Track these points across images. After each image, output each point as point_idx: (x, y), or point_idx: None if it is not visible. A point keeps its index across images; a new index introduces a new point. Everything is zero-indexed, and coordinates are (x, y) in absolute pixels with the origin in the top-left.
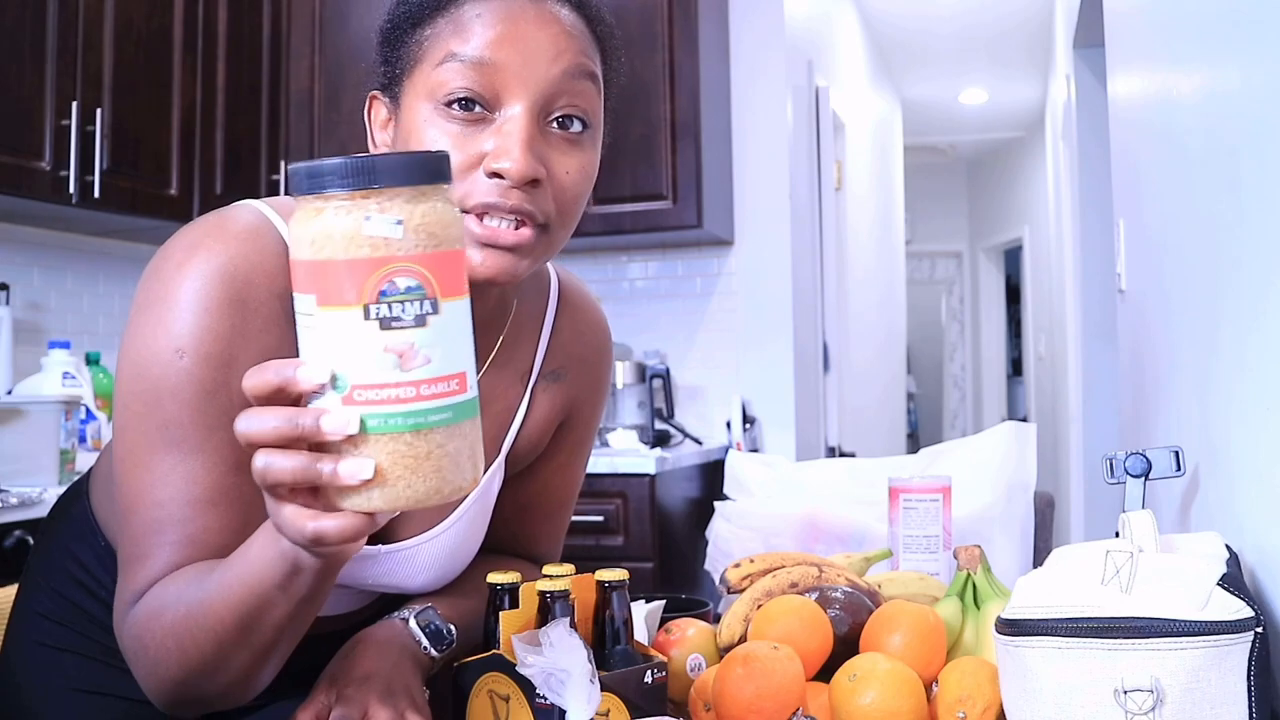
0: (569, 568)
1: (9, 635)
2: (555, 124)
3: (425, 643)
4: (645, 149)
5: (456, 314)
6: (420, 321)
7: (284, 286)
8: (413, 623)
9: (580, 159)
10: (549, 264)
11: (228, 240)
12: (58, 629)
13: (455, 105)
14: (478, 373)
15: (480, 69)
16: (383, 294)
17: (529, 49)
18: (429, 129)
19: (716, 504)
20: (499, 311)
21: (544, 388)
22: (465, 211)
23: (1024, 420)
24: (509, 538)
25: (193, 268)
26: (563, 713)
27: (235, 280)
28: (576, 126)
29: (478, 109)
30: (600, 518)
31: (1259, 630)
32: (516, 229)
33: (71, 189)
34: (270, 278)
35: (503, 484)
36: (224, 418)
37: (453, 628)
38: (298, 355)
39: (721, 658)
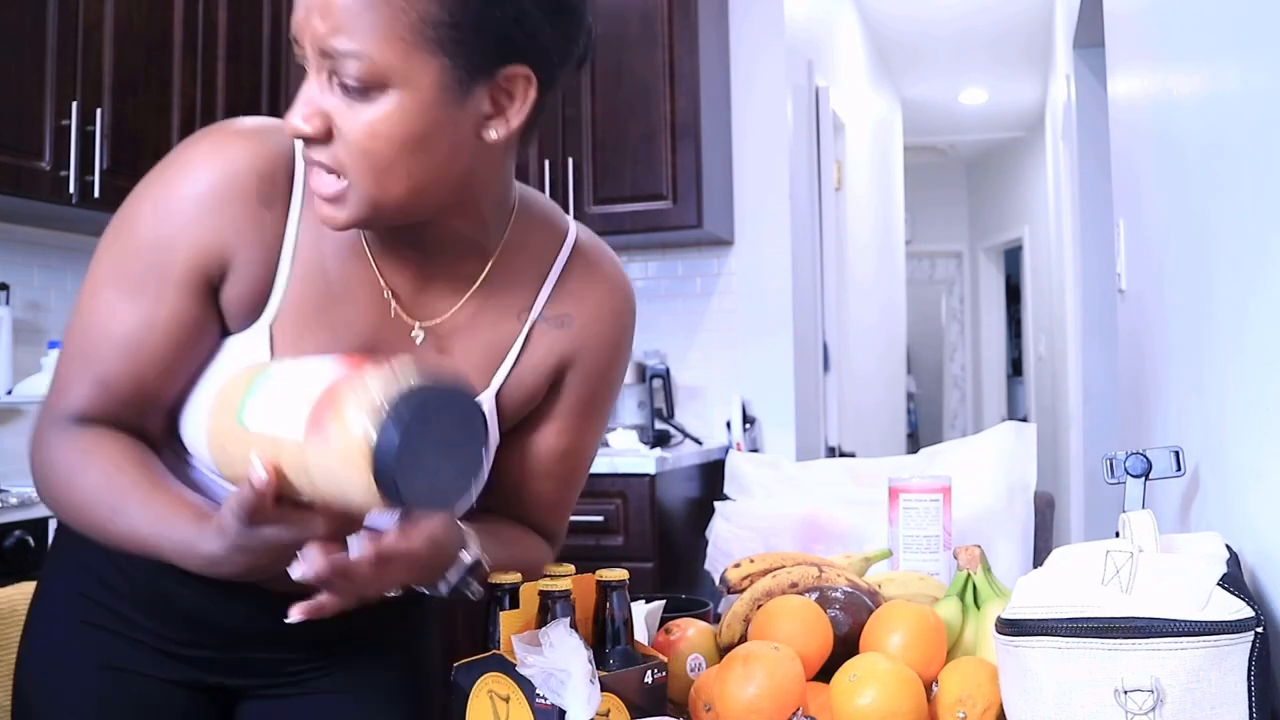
0: (569, 568)
1: (39, 613)
2: (339, 84)
3: (453, 577)
4: (645, 149)
5: None
6: None
7: (268, 169)
8: (469, 558)
9: (361, 114)
10: (566, 216)
11: (236, 129)
12: (89, 605)
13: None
14: (465, 296)
15: (295, 37)
16: None
17: (309, 8)
18: None
19: (716, 504)
20: (468, 239)
21: (544, 331)
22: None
23: (1024, 420)
24: (516, 503)
25: (195, 142)
26: (563, 713)
27: (226, 154)
28: (354, 86)
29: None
30: (600, 518)
31: (1259, 630)
32: (326, 176)
33: (71, 189)
34: (257, 157)
35: (505, 441)
36: (161, 273)
37: (479, 591)
38: (254, 232)
39: (722, 658)
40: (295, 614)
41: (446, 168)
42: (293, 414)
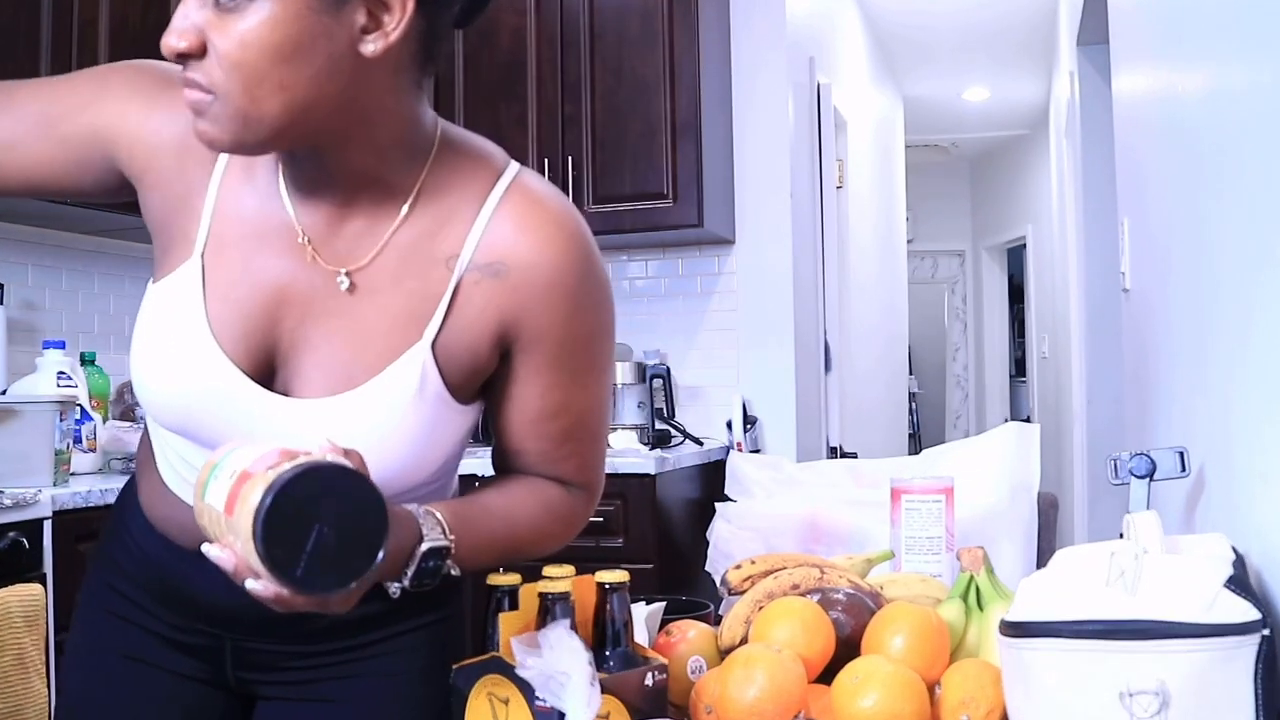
0: (569, 569)
1: (79, 605)
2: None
3: (411, 570)
4: (645, 148)
5: None
6: None
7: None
8: (425, 545)
9: (233, 25)
10: (506, 158)
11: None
12: (114, 596)
13: None
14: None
15: None
16: None
17: None
18: None
19: (717, 505)
20: (372, 176)
21: (476, 280)
22: None
23: (1027, 420)
24: (522, 461)
25: None
26: (562, 715)
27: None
28: (224, 1)
29: None
30: (600, 518)
31: (1265, 633)
32: (195, 92)
33: None
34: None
35: (489, 406)
36: (59, 96)
37: (455, 573)
38: (178, 151)
39: (722, 660)
40: (206, 548)
41: (324, 84)
42: (224, 489)
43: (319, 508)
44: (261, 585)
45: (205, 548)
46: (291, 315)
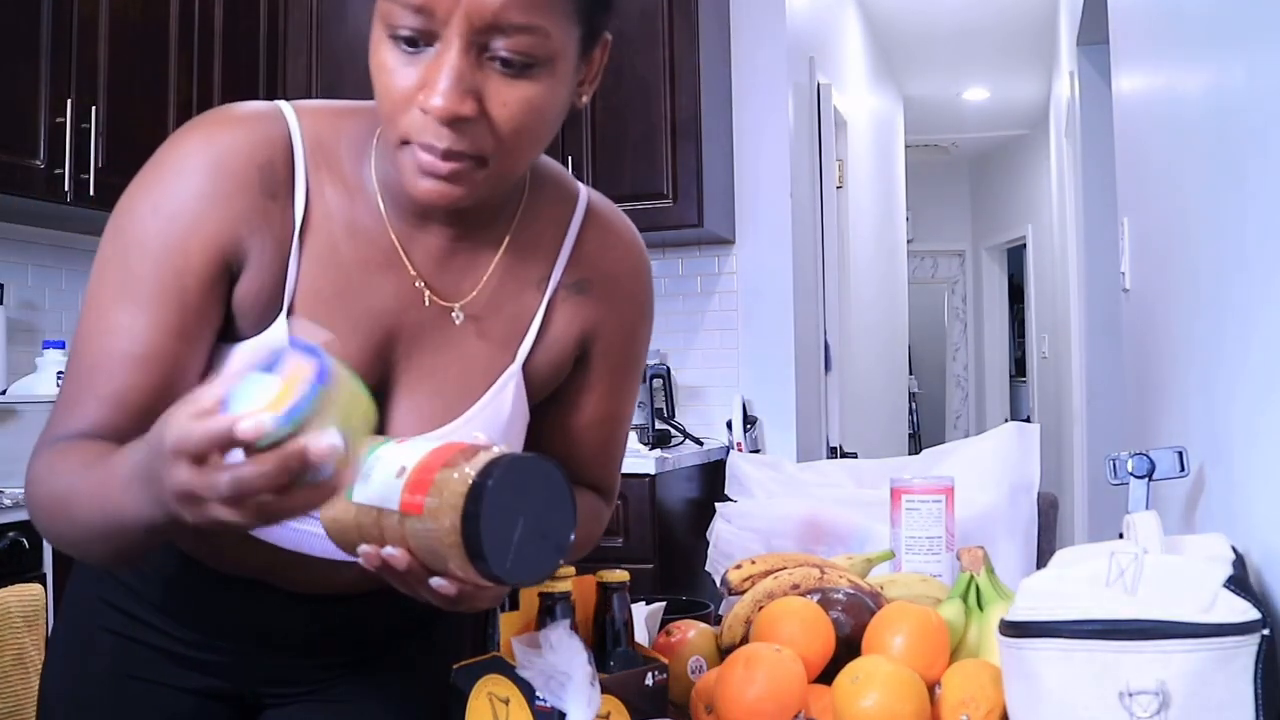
0: (569, 569)
1: (62, 621)
2: (498, 61)
3: None
4: (645, 147)
5: None
6: None
7: (266, 157)
8: None
9: (522, 92)
10: (575, 180)
11: (227, 118)
12: (110, 611)
13: (399, 40)
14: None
15: (420, 10)
16: None
17: None
18: (379, 52)
19: (717, 505)
20: (495, 209)
21: (564, 298)
22: (406, 142)
23: (1027, 420)
24: (572, 467)
25: (185, 136)
26: (562, 715)
27: (219, 146)
28: (519, 62)
29: (420, 44)
30: None
31: (1265, 633)
32: (445, 159)
33: (66, 187)
34: (254, 148)
35: (542, 414)
36: (178, 279)
37: None
38: (263, 224)
39: (723, 659)
40: (363, 549)
41: (550, 138)
42: (393, 487)
43: (522, 498)
44: (447, 581)
45: (362, 549)
46: (396, 355)
